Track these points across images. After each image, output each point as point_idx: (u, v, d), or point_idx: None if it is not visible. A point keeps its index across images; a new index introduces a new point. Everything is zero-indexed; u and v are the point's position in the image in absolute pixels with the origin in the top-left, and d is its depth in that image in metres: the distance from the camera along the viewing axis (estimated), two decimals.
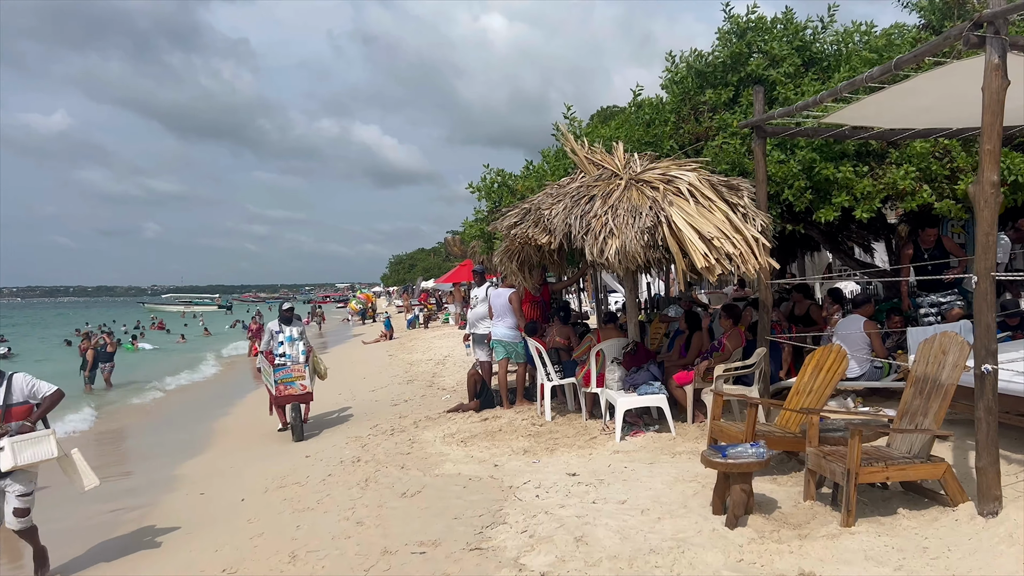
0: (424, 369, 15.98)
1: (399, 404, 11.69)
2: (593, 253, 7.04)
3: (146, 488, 8.55)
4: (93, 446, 12.01)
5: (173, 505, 7.63)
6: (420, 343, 22.97)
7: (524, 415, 9.16)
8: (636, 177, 7.73)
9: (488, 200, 10.37)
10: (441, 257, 79.39)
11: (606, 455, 7.07)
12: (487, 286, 11.21)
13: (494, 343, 9.99)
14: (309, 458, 8.67)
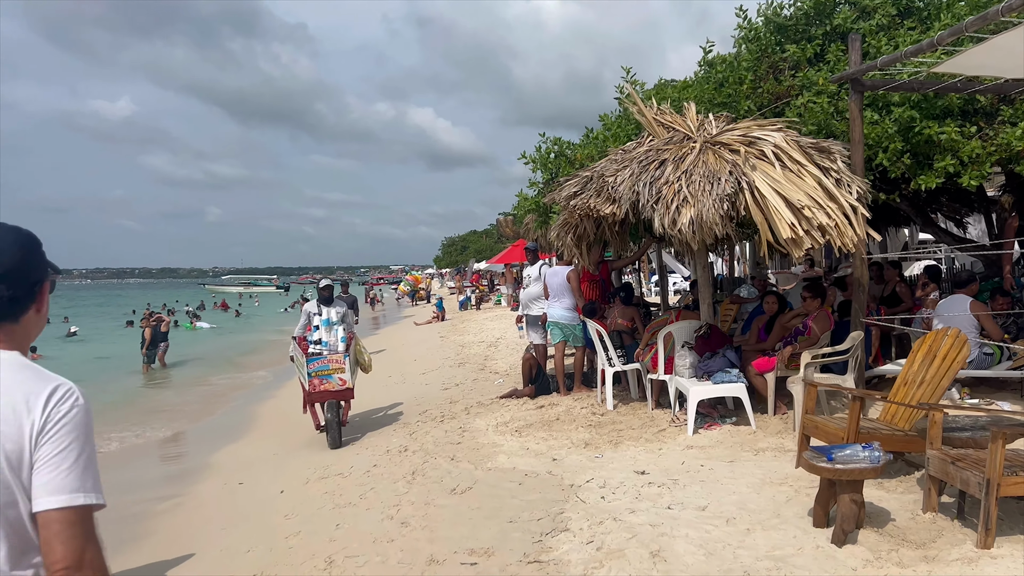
0: (476, 351, 15.37)
1: (450, 388, 11.10)
2: (664, 224, 6.27)
3: (181, 475, 8.12)
4: (130, 427, 11.75)
5: (208, 495, 7.16)
6: (472, 324, 22.41)
7: (583, 403, 8.45)
8: (712, 140, 6.91)
9: (544, 171, 9.63)
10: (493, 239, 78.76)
11: (678, 451, 6.32)
12: (541, 264, 10.50)
13: (550, 325, 9.28)
14: (356, 444, 8.14)
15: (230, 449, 9.42)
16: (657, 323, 8.04)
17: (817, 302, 7.07)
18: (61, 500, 1.43)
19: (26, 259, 1.60)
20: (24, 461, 1.46)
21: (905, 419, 5.15)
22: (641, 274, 23.98)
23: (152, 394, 16.32)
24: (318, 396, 8.41)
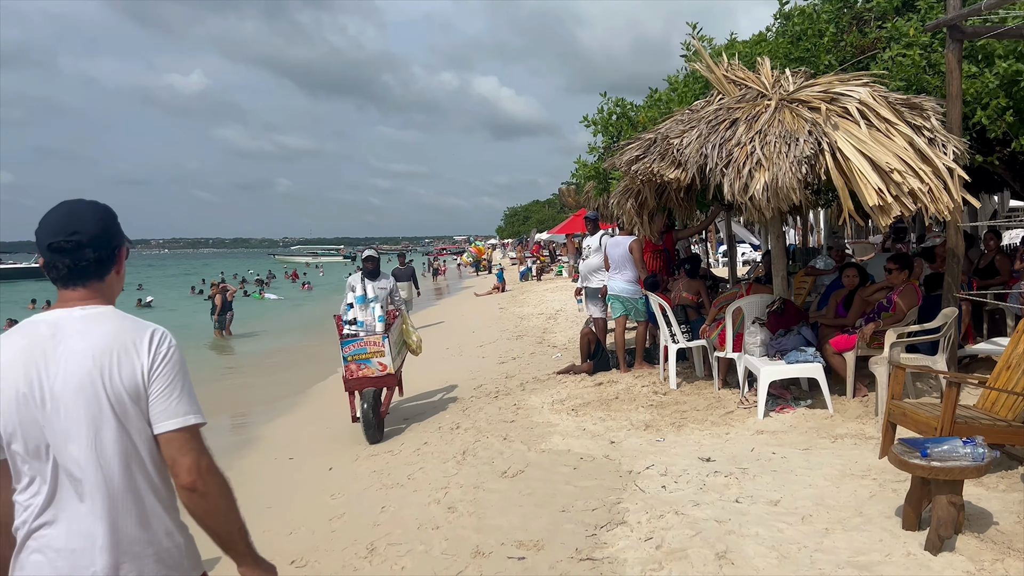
0: (534, 324, 15.02)
1: (506, 362, 10.79)
2: (735, 190, 5.74)
3: (230, 448, 8.03)
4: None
5: (256, 470, 7.02)
6: (532, 296, 22.06)
7: (644, 381, 8.01)
8: (789, 97, 6.31)
9: (605, 135, 9.12)
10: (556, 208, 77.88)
11: (747, 435, 5.85)
12: (601, 235, 10.01)
13: (610, 298, 8.84)
14: (407, 421, 7.91)
15: (283, 422, 9.34)
16: (725, 297, 7.52)
17: (904, 275, 6.44)
18: (176, 423, 1.80)
19: (106, 227, 1.90)
20: (140, 394, 1.80)
21: (1008, 407, 4.57)
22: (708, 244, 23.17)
23: (218, 362, 16.55)
24: (356, 383, 7.34)
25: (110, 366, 1.77)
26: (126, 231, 2.00)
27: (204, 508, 1.82)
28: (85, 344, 1.78)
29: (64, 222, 1.86)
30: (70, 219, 1.86)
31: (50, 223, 1.86)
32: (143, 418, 1.80)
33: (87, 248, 1.85)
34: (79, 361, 1.76)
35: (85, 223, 1.86)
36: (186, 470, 1.79)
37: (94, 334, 1.80)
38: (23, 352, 1.78)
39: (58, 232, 1.84)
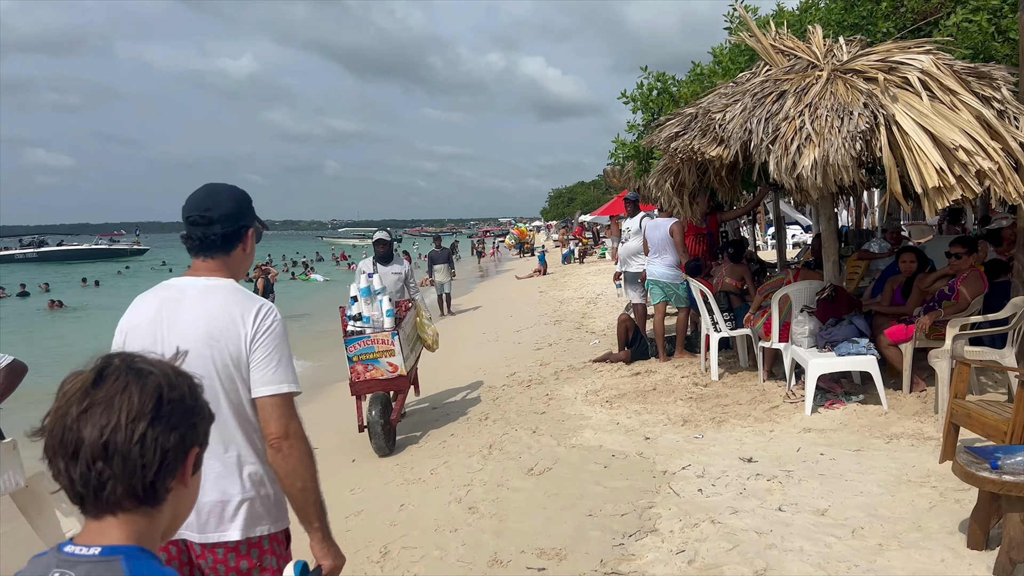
0: (574, 308, 14.66)
1: (542, 348, 10.47)
2: (781, 168, 5.30)
3: None
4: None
5: None
6: (573, 279, 21.65)
7: (684, 371, 7.62)
8: (843, 67, 5.82)
9: (645, 112, 8.68)
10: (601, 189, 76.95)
11: (793, 433, 5.44)
12: (641, 217, 9.59)
13: (650, 283, 8.44)
14: (436, 410, 7.66)
15: (311, 408, 9.17)
16: (771, 283, 7.06)
17: (970, 260, 5.92)
18: (271, 389, 1.97)
19: (237, 208, 2.10)
20: (242, 361, 1.97)
21: None
22: (757, 226, 22.41)
23: None
24: (363, 386, 6.30)
25: (219, 333, 1.97)
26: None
27: (285, 468, 1.95)
28: (202, 311, 2.00)
29: (202, 200, 2.09)
30: (207, 198, 2.10)
31: (192, 200, 2.11)
32: (244, 382, 1.99)
33: (216, 224, 2.07)
34: (194, 325, 1.98)
35: (219, 202, 2.09)
36: (274, 432, 1.95)
37: (210, 303, 2.01)
38: (153, 310, 2.04)
39: (195, 208, 2.08)
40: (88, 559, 1.05)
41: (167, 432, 1.07)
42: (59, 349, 16.65)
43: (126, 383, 1.07)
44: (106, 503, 1.06)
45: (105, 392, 1.06)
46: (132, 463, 1.04)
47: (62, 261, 57.31)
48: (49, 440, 1.06)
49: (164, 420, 1.07)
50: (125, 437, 1.04)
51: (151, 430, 1.06)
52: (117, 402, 1.05)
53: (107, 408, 1.05)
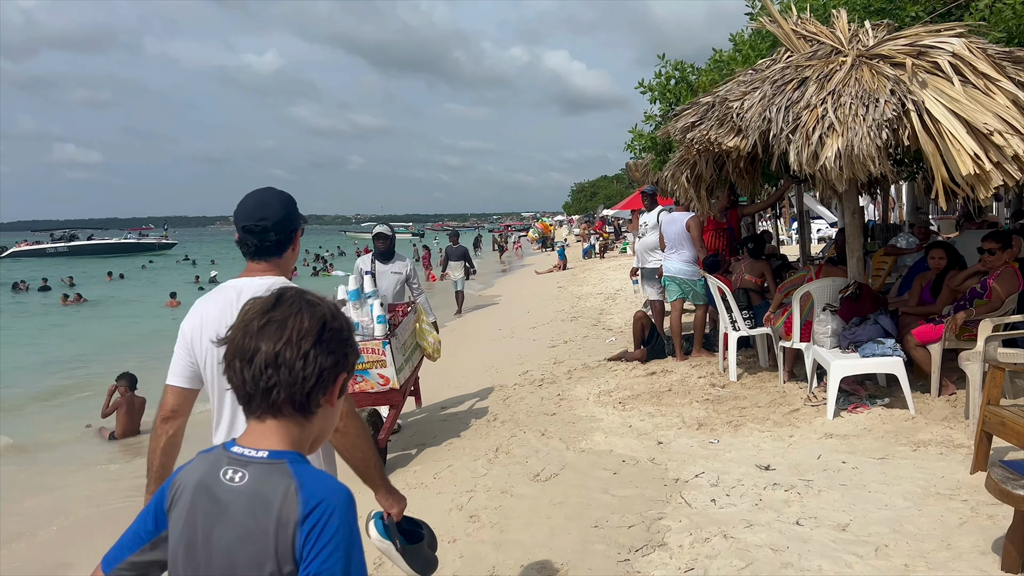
0: (591, 304, 14.39)
1: (557, 346, 10.23)
2: (802, 159, 5.01)
3: None
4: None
5: None
6: (592, 274, 21.37)
7: (701, 371, 7.34)
8: (868, 52, 5.51)
9: (663, 101, 8.39)
10: (624, 184, 76.31)
11: (814, 439, 5.16)
12: (659, 211, 9.31)
13: (666, 280, 8.17)
14: (444, 411, 7.46)
15: None
16: (792, 280, 6.76)
17: (1004, 256, 5.59)
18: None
19: (288, 214, 2.28)
20: None
21: None
22: (780, 221, 21.95)
23: None
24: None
25: None
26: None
27: (344, 444, 2.22)
28: None
29: (256, 208, 2.25)
30: (260, 206, 2.26)
31: (245, 208, 2.27)
32: None
33: (271, 231, 2.26)
34: None
35: (271, 210, 2.26)
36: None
37: None
38: (218, 310, 2.23)
39: (250, 217, 2.25)
40: (257, 460, 1.24)
41: (325, 354, 1.27)
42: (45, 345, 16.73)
43: (299, 308, 1.28)
44: (270, 405, 1.26)
45: (281, 313, 1.27)
46: (296, 374, 1.24)
47: (92, 255, 58.21)
48: (231, 346, 1.27)
49: (325, 343, 1.27)
50: (293, 351, 1.24)
51: (314, 349, 1.25)
52: (291, 322, 1.26)
53: (281, 326, 1.25)
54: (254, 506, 1.22)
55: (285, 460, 1.25)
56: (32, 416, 10.06)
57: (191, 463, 1.34)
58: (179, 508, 1.30)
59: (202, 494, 1.27)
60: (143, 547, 1.36)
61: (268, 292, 1.32)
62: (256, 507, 1.22)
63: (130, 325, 20.20)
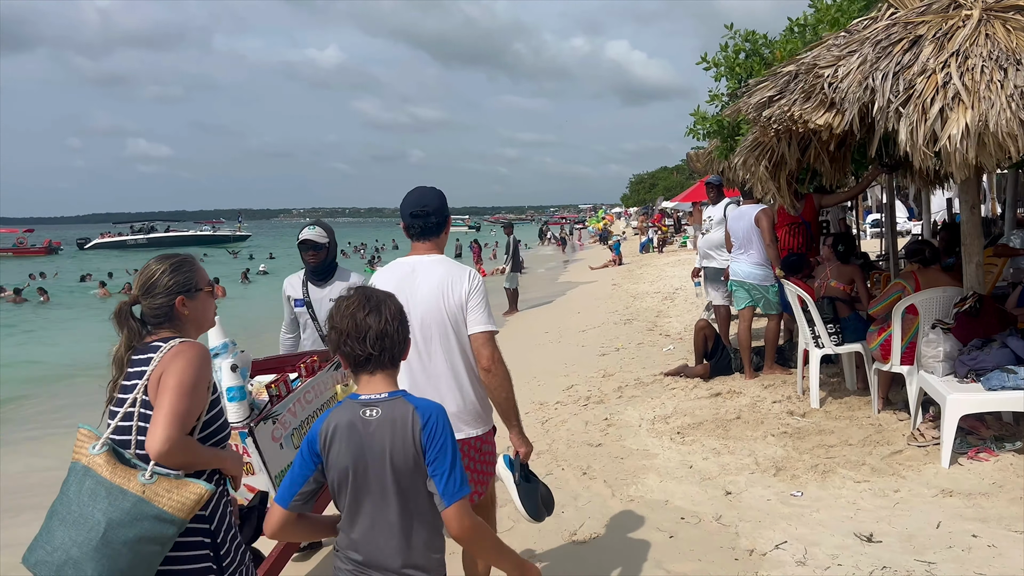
0: (648, 305, 13.27)
1: (608, 354, 9.22)
2: (918, 138, 3.90)
3: None
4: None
5: None
6: (650, 271, 20.19)
7: (775, 393, 6.25)
8: (999, 5, 4.34)
9: (730, 78, 7.27)
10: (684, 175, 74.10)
11: (927, 496, 4.05)
12: (726, 204, 8.20)
13: (733, 285, 7.08)
14: None
15: None
16: (889, 290, 5.58)
17: None
18: (481, 327, 2.77)
19: (442, 204, 2.93)
20: (463, 307, 2.78)
21: None
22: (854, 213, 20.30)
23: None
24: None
25: (446, 291, 2.78)
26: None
27: (492, 383, 2.80)
28: (434, 277, 2.81)
29: (420, 199, 2.89)
30: (423, 197, 2.90)
31: (411, 200, 2.90)
32: (464, 324, 2.78)
33: (432, 216, 2.88)
34: (430, 286, 2.79)
35: (431, 200, 2.89)
36: (485, 357, 2.77)
37: (436, 272, 2.82)
38: (396, 280, 2.80)
39: (416, 204, 2.88)
40: (382, 399, 1.91)
41: (404, 329, 1.97)
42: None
43: (386, 298, 1.97)
44: (380, 364, 1.93)
45: (375, 303, 1.94)
46: (392, 342, 1.93)
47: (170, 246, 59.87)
48: (342, 329, 1.92)
49: (403, 322, 1.97)
50: (391, 328, 1.93)
51: (400, 325, 1.95)
52: (383, 309, 1.94)
53: (378, 312, 1.93)
54: (394, 425, 1.87)
55: (400, 395, 1.93)
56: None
57: (330, 416, 1.93)
58: (337, 444, 1.89)
59: (353, 430, 1.89)
60: (307, 480, 1.93)
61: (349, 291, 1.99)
62: (395, 426, 1.87)
63: None
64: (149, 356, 2.15)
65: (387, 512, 1.88)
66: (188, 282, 2.26)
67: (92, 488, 1.99)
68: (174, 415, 2.03)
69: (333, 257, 4.40)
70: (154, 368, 2.12)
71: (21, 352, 15.09)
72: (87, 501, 1.98)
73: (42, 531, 2.01)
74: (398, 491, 1.87)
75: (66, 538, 1.95)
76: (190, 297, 2.26)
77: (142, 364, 2.15)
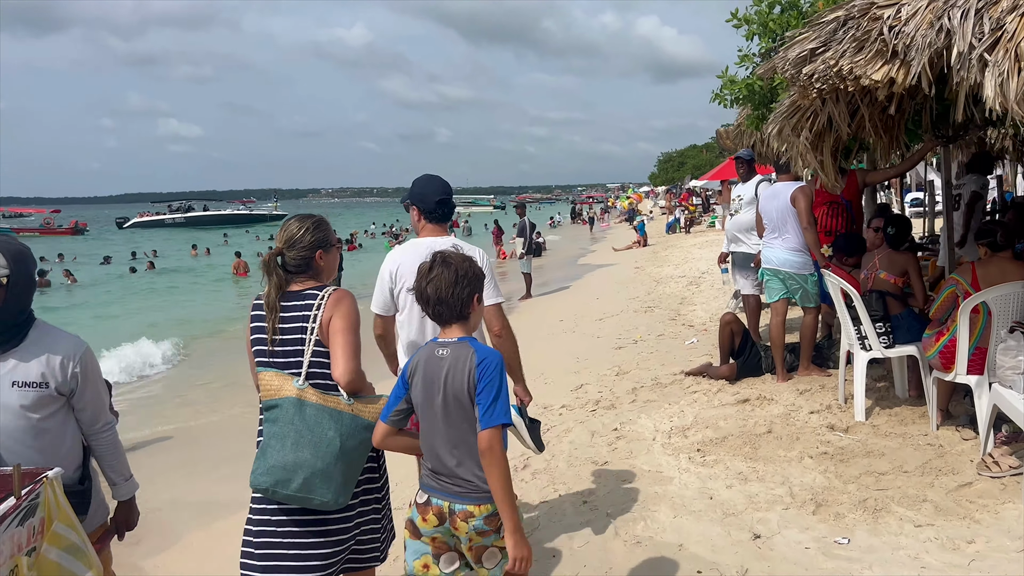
0: (671, 291, 12.37)
1: (624, 347, 8.39)
2: (1010, 94, 3.01)
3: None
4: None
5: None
6: (675, 252, 19.23)
7: (813, 400, 5.39)
8: None
9: (763, 37, 6.34)
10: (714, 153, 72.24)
11: (1010, 549, 3.20)
12: (758, 181, 7.32)
13: (766, 273, 6.20)
14: None
15: None
16: (944, 283, 4.69)
17: None
18: (492, 300, 3.18)
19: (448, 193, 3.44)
20: None
21: None
22: (891, 192, 19.07)
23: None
24: None
25: None
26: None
27: (503, 346, 3.28)
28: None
29: (444, 188, 3.42)
30: (445, 187, 3.43)
31: (437, 187, 3.40)
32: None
33: (449, 203, 3.42)
34: None
35: (447, 190, 3.42)
36: (495, 325, 3.30)
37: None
38: (413, 257, 3.12)
39: (443, 193, 3.39)
40: (452, 343, 2.30)
41: (462, 289, 2.30)
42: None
43: (443, 269, 2.30)
44: (446, 319, 2.32)
45: (434, 273, 2.30)
46: (452, 305, 2.29)
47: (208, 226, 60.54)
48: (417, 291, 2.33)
49: (460, 284, 2.29)
50: (446, 293, 2.28)
51: (456, 289, 2.29)
52: (437, 279, 2.29)
53: (436, 281, 2.29)
54: (457, 361, 2.26)
55: (466, 341, 2.32)
56: None
57: (417, 354, 2.38)
58: (418, 374, 2.33)
59: (430, 363, 2.31)
60: (400, 402, 2.37)
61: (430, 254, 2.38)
62: (458, 362, 2.26)
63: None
64: (307, 303, 2.58)
65: (445, 429, 2.28)
66: (325, 238, 2.69)
67: (315, 413, 2.45)
68: (352, 350, 2.53)
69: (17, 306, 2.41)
70: (323, 313, 2.56)
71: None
72: (314, 424, 2.43)
73: (272, 456, 2.41)
74: (453, 413, 2.27)
75: (308, 456, 2.40)
76: (326, 251, 2.69)
77: (302, 309, 2.57)
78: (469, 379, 2.22)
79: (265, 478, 2.39)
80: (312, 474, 2.38)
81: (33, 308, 2.46)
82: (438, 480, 2.29)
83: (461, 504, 2.25)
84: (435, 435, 2.29)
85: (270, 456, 2.40)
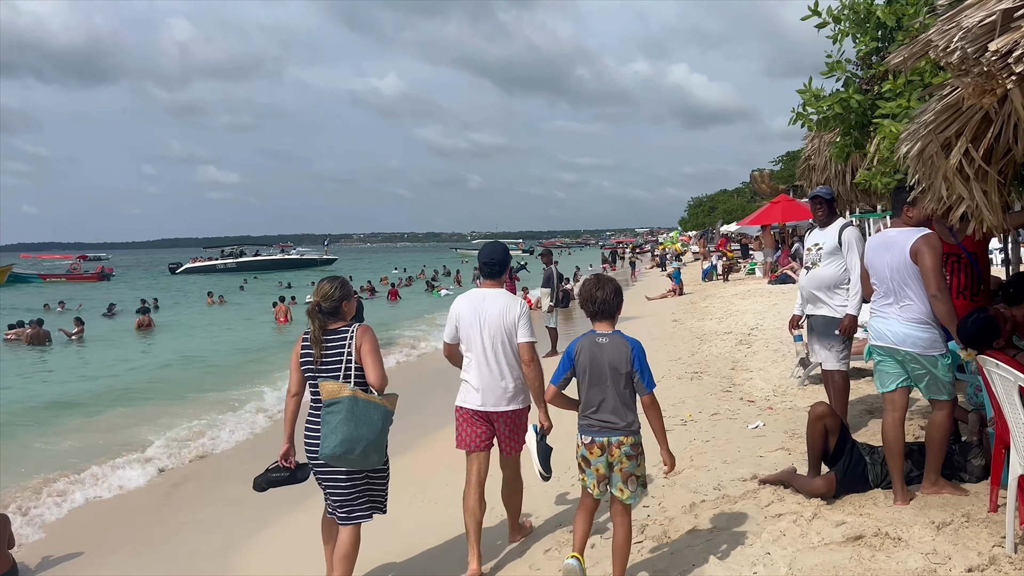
0: (719, 352, 10.64)
1: (671, 430, 6.58)
2: None
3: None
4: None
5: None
6: (717, 303, 17.45)
7: (959, 540, 3.67)
8: None
9: (860, 38, 4.79)
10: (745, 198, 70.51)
11: None
12: (841, 226, 5.69)
13: (878, 353, 4.51)
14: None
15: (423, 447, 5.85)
16: None
17: None
18: (525, 339, 4.42)
19: (506, 255, 4.68)
20: (514, 325, 4.42)
21: None
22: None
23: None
24: None
25: (505, 314, 4.41)
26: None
27: (530, 375, 4.35)
28: (499, 303, 4.44)
29: (491, 254, 4.59)
30: (493, 253, 4.60)
31: (486, 252, 4.61)
32: (514, 336, 4.40)
33: (497, 266, 4.56)
34: (496, 310, 4.42)
35: (498, 255, 4.60)
36: (526, 358, 4.36)
37: (500, 300, 4.44)
38: (473, 304, 4.48)
39: (487, 257, 4.58)
40: (609, 334, 3.69)
41: (618, 298, 3.76)
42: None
43: (607, 280, 3.82)
44: (604, 316, 3.72)
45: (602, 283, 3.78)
46: (611, 306, 3.72)
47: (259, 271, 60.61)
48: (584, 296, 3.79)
49: (619, 295, 3.78)
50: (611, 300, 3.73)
51: (616, 297, 3.75)
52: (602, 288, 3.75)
53: (603, 288, 3.74)
54: (616, 347, 3.61)
55: (619, 333, 3.67)
56: None
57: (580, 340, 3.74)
58: (583, 353, 3.67)
59: (593, 347, 3.64)
60: (565, 372, 3.74)
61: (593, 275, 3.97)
62: (618, 347, 3.61)
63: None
64: (343, 336, 4.07)
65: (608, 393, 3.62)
66: (348, 293, 4.20)
67: (365, 405, 3.95)
68: (380, 363, 4.05)
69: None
70: (355, 341, 4.07)
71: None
72: (365, 412, 3.94)
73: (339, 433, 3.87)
74: (613, 382, 3.61)
75: (365, 432, 3.92)
76: (348, 300, 4.18)
77: (339, 341, 4.06)
78: (627, 358, 3.60)
79: (339, 448, 3.87)
80: (368, 444, 3.93)
81: None
82: (600, 423, 3.64)
83: (616, 436, 3.63)
84: (597, 395, 3.65)
85: (340, 432, 3.88)
